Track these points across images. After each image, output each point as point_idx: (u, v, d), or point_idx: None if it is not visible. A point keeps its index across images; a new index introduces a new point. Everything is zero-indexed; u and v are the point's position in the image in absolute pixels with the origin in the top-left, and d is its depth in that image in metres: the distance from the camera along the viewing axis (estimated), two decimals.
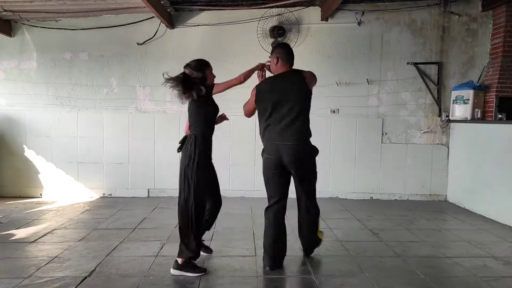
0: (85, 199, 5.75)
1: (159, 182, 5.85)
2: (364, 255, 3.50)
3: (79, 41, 5.71)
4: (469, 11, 5.62)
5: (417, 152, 5.77)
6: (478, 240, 3.96)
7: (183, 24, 5.71)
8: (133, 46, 5.71)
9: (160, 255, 3.47)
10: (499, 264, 3.35)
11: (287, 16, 5.56)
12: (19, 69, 5.77)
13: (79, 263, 3.27)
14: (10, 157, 5.81)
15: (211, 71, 3.27)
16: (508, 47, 5.30)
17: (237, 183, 5.69)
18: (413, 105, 5.75)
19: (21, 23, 5.69)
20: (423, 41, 5.67)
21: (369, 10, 5.61)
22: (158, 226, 4.36)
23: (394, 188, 5.81)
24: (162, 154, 5.81)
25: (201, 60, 3.26)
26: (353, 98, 5.70)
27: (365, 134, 5.76)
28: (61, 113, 5.81)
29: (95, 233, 4.09)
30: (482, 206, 4.98)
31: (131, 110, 5.82)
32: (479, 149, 5.09)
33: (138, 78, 5.78)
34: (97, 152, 5.82)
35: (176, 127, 5.77)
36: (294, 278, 3.06)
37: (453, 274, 3.17)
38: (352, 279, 3.01)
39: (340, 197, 5.80)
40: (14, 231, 4.14)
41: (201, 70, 3.16)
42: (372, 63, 5.70)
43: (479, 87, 5.32)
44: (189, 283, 2.93)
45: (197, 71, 3.14)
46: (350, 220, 4.68)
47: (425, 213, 5.05)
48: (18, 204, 5.40)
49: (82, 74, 5.77)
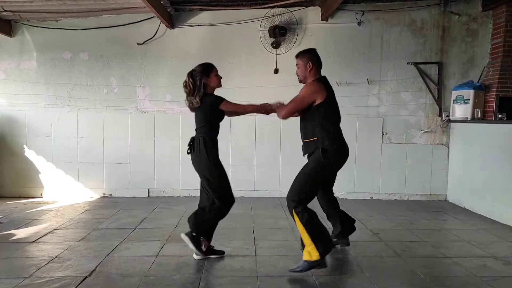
0: (85, 199, 5.75)
1: (159, 182, 5.86)
2: (364, 255, 3.50)
3: (79, 41, 5.72)
4: (469, 11, 5.61)
5: (417, 152, 5.77)
6: (478, 240, 3.96)
7: (183, 24, 5.71)
8: (133, 46, 5.71)
9: (160, 255, 3.47)
10: (499, 264, 3.35)
11: (287, 16, 5.56)
12: (19, 69, 5.77)
13: (79, 263, 3.27)
14: (10, 157, 5.81)
15: (215, 74, 3.29)
16: (508, 47, 5.29)
17: (237, 183, 5.67)
18: (413, 105, 5.75)
19: (21, 23, 5.70)
20: (423, 41, 5.67)
21: (369, 10, 5.61)
22: (158, 226, 4.36)
23: (394, 188, 5.81)
24: (162, 154, 5.81)
25: (203, 65, 3.31)
26: (353, 98, 5.70)
27: (365, 134, 5.76)
28: (61, 113, 5.81)
29: (96, 233, 4.09)
30: (482, 206, 4.98)
31: (131, 110, 5.82)
32: (479, 149, 5.09)
33: (138, 78, 5.78)
34: (97, 152, 5.83)
35: (176, 127, 5.79)
36: (294, 278, 3.06)
37: (453, 274, 3.16)
38: (352, 279, 3.02)
39: (340, 197, 5.79)
40: (14, 231, 4.14)
41: (205, 74, 3.23)
42: (372, 63, 5.70)
43: (480, 87, 5.32)
44: (189, 283, 2.93)
45: (194, 78, 3.22)
46: None
47: (425, 213, 5.05)
48: (19, 204, 5.40)
49: (82, 74, 5.77)
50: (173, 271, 3.12)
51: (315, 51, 3.20)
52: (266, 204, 5.27)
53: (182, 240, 3.32)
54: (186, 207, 5.14)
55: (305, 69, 3.11)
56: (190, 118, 3.46)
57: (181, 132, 5.76)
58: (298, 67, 3.17)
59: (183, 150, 5.85)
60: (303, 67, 3.13)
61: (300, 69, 3.15)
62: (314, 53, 3.17)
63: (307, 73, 3.12)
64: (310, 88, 3.04)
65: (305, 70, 3.12)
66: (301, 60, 3.15)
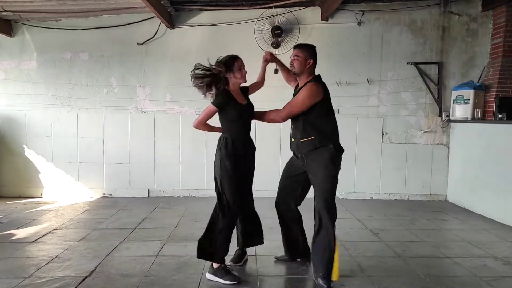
0: (85, 199, 5.75)
1: (159, 182, 5.86)
2: (364, 255, 3.50)
3: (79, 41, 5.72)
4: (469, 11, 5.61)
5: (417, 152, 5.77)
6: (478, 240, 3.96)
7: (183, 24, 5.71)
8: (133, 46, 5.71)
9: (160, 255, 3.47)
10: (499, 264, 3.35)
11: (287, 16, 5.56)
12: (19, 69, 5.77)
13: (79, 263, 3.27)
14: (10, 157, 5.81)
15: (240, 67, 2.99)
16: (508, 47, 5.29)
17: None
18: (414, 105, 5.75)
19: (22, 23, 5.70)
20: (423, 41, 5.67)
21: (369, 10, 5.61)
22: (158, 226, 4.36)
23: (394, 188, 5.81)
24: (162, 154, 5.81)
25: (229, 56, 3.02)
26: (353, 98, 5.70)
27: (365, 134, 5.76)
28: (61, 113, 5.81)
29: (95, 233, 4.09)
30: (482, 206, 4.98)
31: (131, 110, 5.82)
32: (480, 149, 5.09)
33: (138, 78, 5.78)
34: (97, 152, 5.83)
35: (176, 127, 5.79)
36: (294, 278, 3.06)
37: (453, 274, 3.17)
38: (352, 279, 3.01)
39: (340, 197, 5.80)
40: (14, 231, 4.14)
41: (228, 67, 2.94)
42: (372, 63, 5.70)
43: (480, 87, 5.32)
44: (189, 283, 2.93)
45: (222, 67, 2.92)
46: (350, 220, 4.68)
47: (425, 213, 5.05)
48: (19, 204, 5.40)
49: (82, 74, 5.77)
50: (173, 271, 3.12)
51: (316, 48, 3.11)
52: (266, 204, 5.26)
53: (182, 240, 3.31)
54: (186, 207, 5.15)
55: (304, 64, 3.00)
56: (190, 118, 3.47)
57: (181, 132, 5.77)
58: (297, 59, 3.01)
59: (183, 150, 5.93)
60: (303, 61, 3.00)
61: (300, 62, 3.01)
62: (315, 50, 3.10)
63: (305, 68, 3.01)
64: (312, 91, 2.95)
65: (304, 65, 3.00)
66: (302, 53, 3.01)
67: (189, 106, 5.70)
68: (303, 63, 3.00)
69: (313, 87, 2.96)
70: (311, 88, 2.96)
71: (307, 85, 3.00)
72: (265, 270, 3.16)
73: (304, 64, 3.00)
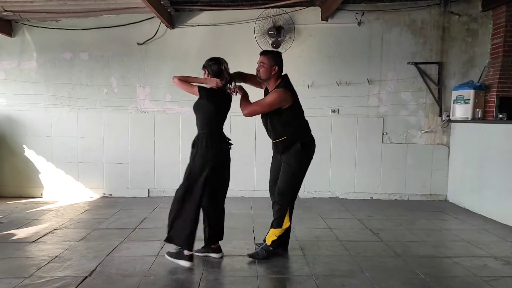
0: (86, 199, 5.75)
1: (159, 182, 5.86)
2: (364, 255, 3.50)
3: (79, 41, 5.72)
4: (469, 11, 5.61)
5: (417, 152, 5.77)
6: (478, 240, 3.96)
7: (183, 24, 5.71)
8: (133, 46, 5.71)
9: (161, 255, 3.46)
10: (499, 264, 3.35)
11: (287, 16, 5.56)
12: (20, 69, 5.77)
13: (79, 263, 3.27)
14: (10, 157, 5.81)
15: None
16: (509, 47, 5.29)
17: (237, 183, 5.67)
18: (414, 105, 5.75)
19: (22, 23, 5.70)
20: (423, 41, 5.67)
21: (369, 10, 5.61)
22: (159, 226, 4.35)
23: (394, 188, 5.81)
24: (162, 154, 5.81)
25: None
26: (353, 98, 5.70)
27: (366, 134, 5.76)
28: (61, 113, 5.81)
29: (96, 233, 4.09)
30: (482, 206, 4.98)
31: (131, 110, 5.82)
32: (480, 149, 5.09)
33: (138, 78, 5.78)
34: (97, 152, 5.83)
35: (176, 127, 5.79)
36: (294, 278, 3.06)
37: (453, 274, 3.17)
38: (352, 279, 3.01)
39: (340, 197, 5.80)
40: (14, 231, 4.14)
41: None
42: (372, 63, 5.70)
43: (480, 87, 5.31)
44: (189, 283, 2.93)
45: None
46: (350, 220, 4.68)
47: (425, 213, 5.05)
48: (19, 204, 5.40)
49: (82, 74, 5.77)
50: (173, 271, 3.12)
51: (281, 55, 3.35)
52: (266, 204, 5.25)
53: None
54: None
55: (270, 71, 3.24)
56: (190, 118, 3.46)
57: (181, 132, 5.77)
58: (262, 66, 3.25)
59: (183, 150, 5.92)
60: (268, 68, 3.24)
61: (265, 69, 3.24)
62: (281, 57, 3.32)
63: (271, 74, 3.24)
64: (280, 97, 3.18)
65: (270, 71, 3.24)
66: (267, 60, 3.24)
67: (189, 106, 5.58)
68: (269, 70, 3.24)
69: (281, 94, 3.20)
70: (279, 94, 3.20)
71: (276, 90, 3.23)
72: (265, 270, 3.16)
73: (270, 70, 3.24)
